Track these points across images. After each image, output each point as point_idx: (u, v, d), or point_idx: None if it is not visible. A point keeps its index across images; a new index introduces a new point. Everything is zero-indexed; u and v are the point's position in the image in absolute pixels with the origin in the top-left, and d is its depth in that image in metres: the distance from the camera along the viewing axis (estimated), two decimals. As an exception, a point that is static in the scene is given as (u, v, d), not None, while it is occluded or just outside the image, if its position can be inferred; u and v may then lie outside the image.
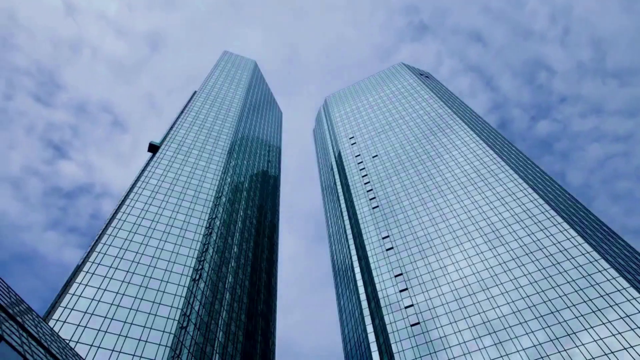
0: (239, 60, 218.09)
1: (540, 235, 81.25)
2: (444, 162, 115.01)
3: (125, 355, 58.50)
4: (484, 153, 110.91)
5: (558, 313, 67.17)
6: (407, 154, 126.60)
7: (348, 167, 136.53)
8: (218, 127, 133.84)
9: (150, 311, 66.21)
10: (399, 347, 74.19)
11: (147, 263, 74.71)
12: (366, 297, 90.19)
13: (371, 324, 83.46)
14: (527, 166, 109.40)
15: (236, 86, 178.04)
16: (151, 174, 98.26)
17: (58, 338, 37.78)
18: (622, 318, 62.23)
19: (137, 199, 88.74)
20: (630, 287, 65.57)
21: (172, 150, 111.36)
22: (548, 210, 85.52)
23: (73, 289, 64.83)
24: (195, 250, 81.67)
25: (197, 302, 73.79)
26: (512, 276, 76.60)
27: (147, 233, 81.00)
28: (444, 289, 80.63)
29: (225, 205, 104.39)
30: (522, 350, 64.77)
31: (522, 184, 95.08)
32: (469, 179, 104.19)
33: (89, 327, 59.95)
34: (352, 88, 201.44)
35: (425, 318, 77.06)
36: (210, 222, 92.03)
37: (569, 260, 74.09)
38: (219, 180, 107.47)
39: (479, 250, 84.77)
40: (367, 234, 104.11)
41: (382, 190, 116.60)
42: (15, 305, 31.53)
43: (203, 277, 79.26)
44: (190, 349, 65.54)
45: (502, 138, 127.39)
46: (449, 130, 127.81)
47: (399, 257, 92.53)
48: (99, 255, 72.43)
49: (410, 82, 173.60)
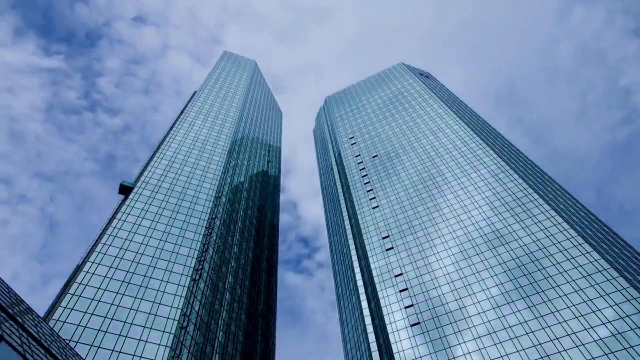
0: (239, 60, 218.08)
1: (540, 236, 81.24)
2: (444, 162, 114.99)
3: (125, 355, 58.50)
4: (484, 153, 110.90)
5: (558, 313, 67.17)
6: (407, 154, 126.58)
7: (348, 167, 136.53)
8: (218, 127, 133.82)
9: (150, 311, 66.20)
10: (399, 347, 74.19)
11: (147, 263, 74.70)
12: (366, 297, 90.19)
13: (371, 324, 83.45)
14: (527, 166, 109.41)
15: (236, 86, 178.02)
16: (151, 174, 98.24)
17: (58, 338, 37.77)
18: (622, 318, 62.24)
19: (137, 199, 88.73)
20: (630, 287, 65.58)
21: (172, 151, 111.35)
22: (548, 211, 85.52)
23: (73, 289, 64.83)
24: (195, 250, 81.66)
25: (197, 302, 73.79)
26: (512, 276, 76.61)
27: (147, 233, 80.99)
28: (444, 289, 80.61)
29: (225, 205, 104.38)
30: (522, 350, 64.78)
31: (522, 184, 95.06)
32: (469, 179, 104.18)
33: (89, 327, 59.95)
34: (352, 88, 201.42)
35: (425, 318, 77.06)
36: (210, 222, 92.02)
37: (569, 260, 74.09)
38: (219, 180, 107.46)
39: (479, 250, 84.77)
40: (367, 234, 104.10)
41: (382, 190, 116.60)
42: (15, 305, 31.52)
43: (203, 277, 79.25)
44: (190, 349, 65.55)
45: (503, 138, 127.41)
46: (449, 130, 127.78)
47: (399, 257, 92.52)
48: (99, 255, 72.42)
49: (410, 82, 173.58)
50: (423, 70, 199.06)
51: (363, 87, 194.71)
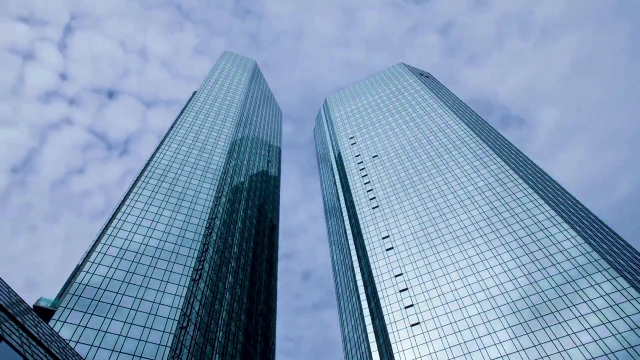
0: (239, 60, 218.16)
1: (540, 235, 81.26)
2: (444, 162, 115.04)
3: (125, 355, 58.53)
4: (484, 153, 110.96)
5: (558, 313, 67.18)
6: (407, 154, 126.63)
7: (348, 167, 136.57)
8: (218, 127, 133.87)
9: (150, 311, 66.24)
10: (399, 347, 74.20)
11: (147, 263, 74.74)
12: (366, 297, 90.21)
13: (371, 324, 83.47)
14: (528, 166, 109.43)
15: (236, 86, 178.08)
16: (151, 174, 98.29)
17: (58, 338, 37.79)
18: (622, 318, 62.25)
19: (137, 199, 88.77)
20: (630, 287, 65.59)
21: (172, 151, 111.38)
22: (548, 210, 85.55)
23: (73, 289, 64.87)
24: (195, 250, 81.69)
25: (197, 302, 73.81)
26: (512, 276, 76.63)
27: (147, 233, 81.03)
28: (444, 289, 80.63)
29: (225, 205, 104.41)
30: (522, 350, 64.79)
31: (522, 184, 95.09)
32: (469, 179, 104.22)
33: (89, 327, 59.98)
34: (352, 88, 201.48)
35: (425, 318, 77.08)
36: (210, 222, 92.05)
37: (569, 260, 74.11)
38: (219, 180, 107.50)
39: (479, 250, 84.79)
40: (367, 234, 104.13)
41: (382, 190, 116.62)
42: (15, 305, 31.54)
43: (203, 277, 79.28)
44: (190, 349, 65.57)
45: (502, 138, 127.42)
46: (449, 131, 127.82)
47: (399, 257, 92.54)
48: (99, 255, 72.46)
49: (410, 82, 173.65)
50: (423, 71, 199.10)
51: (363, 87, 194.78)
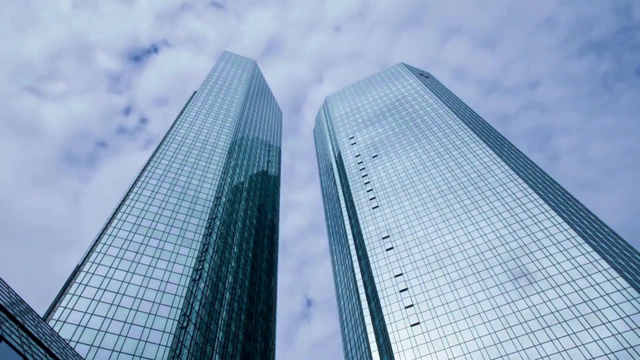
0: (239, 60, 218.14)
1: (540, 235, 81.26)
2: (444, 162, 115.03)
3: (125, 355, 58.51)
4: (483, 153, 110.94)
5: (558, 313, 67.17)
6: (407, 154, 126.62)
7: (348, 167, 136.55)
8: (218, 127, 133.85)
9: (150, 311, 66.22)
10: (399, 347, 74.19)
11: (147, 263, 74.72)
12: (366, 297, 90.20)
13: (371, 324, 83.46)
14: (527, 166, 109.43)
15: (236, 86, 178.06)
16: (151, 174, 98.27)
17: (58, 338, 37.78)
18: (622, 318, 62.24)
19: (137, 199, 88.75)
20: (630, 287, 65.58)
21: (172, 151, 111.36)
22: (548, 210, 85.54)
23: (73, 289, 64.84)
24: (195, 250, 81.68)
25: (197, 302, 73.80)
26: (512, 276, 76.63)
27: (147, 233, 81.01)
28: (444, 289, 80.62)
29: (225, 205, 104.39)
30: (522, 350, 64.78)
31: (522, 184, 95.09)
32: (469, 179, 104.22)
33: (89, 327, 59.97)
34: (352, 88, 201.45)
35: (425, 318, 77.07)
36: (210, 222, 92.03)
37: (569, 260, 74.11)
38: (219, 180, 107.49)
39: (479, 250, 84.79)
40: (367, 234, 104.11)
41: (382, 190, 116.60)
42: (15, 305, 31.53)
43: (203, 277, 79.26)
44: (190, 349, 65.55)
45: (502, 138, 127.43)
46: (449, 130, 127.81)
47: (399, 257, 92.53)
48: (99, 255, 72.44)
49: (410, 82, 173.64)
50: (423, 70, 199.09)
51: (363, 87, 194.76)
